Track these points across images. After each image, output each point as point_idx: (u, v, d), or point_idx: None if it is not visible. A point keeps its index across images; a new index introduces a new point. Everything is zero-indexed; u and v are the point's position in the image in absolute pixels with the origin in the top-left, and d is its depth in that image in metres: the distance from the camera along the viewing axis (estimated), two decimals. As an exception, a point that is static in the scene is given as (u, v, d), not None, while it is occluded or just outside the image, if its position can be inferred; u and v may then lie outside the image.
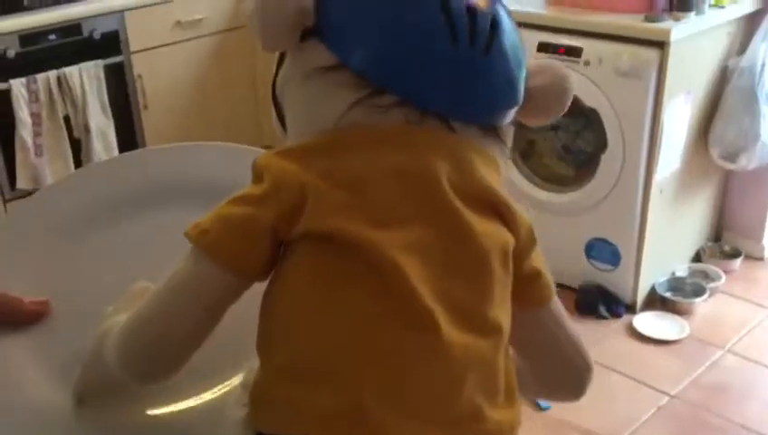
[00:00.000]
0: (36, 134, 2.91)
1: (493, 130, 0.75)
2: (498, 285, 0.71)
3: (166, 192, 0.95)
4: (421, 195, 0.69)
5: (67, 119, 2.99)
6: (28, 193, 2.91)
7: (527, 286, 0.76)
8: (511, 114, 0.76)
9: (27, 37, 2.88)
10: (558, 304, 0.81)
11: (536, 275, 0.77)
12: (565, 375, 0.84)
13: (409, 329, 0.66)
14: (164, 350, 0.72)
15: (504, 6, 0.77)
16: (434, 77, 0.70)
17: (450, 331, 0.67)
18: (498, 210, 0.73)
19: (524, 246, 0.75)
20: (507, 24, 0.74)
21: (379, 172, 0.69)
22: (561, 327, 0.81)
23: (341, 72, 0.70)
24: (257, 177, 0.71)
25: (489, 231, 0.71)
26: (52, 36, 2.95)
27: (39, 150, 2.92)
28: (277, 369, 0.69)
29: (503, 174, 0.77)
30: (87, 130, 3.04)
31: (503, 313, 0.72)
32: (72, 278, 0.91)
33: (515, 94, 0.75)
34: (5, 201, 2.95)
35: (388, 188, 0.69)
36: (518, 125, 0.79)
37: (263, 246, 0.69)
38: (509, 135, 0.78)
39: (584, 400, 0.87)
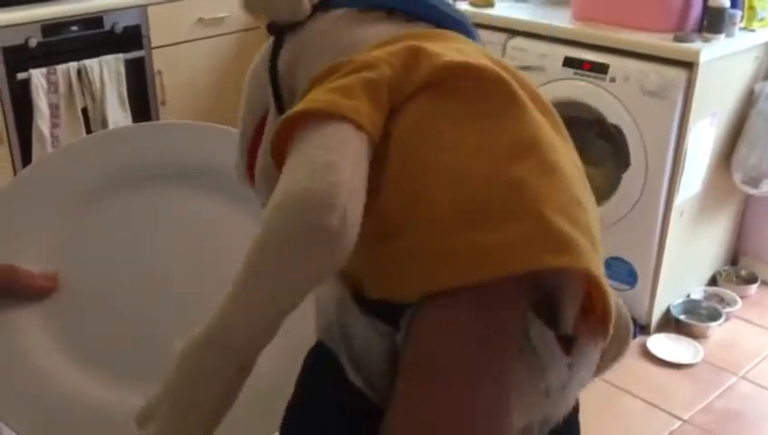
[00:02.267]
0: (54, 125, 2.90)
1: None
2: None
3: (173, 170, 0.95)
4: (497, 62, 0.75)
5: (85, 111, 2.98)
6: (43, 184, 2.90)
7: None
8: None
9: (49, 27, 2.87)
10: None
11: None
12: None
13: (542, 147, 0.68)
14: (335, 232, 0.61)
15: None
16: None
17: (569, 157, 0.72)
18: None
19: None
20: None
21: (457, 46, 0.75)
22: None
23: (369, 12, 0.80)
24: (338, 68, 0.71)
25: None
26: (74, 28, 2.94)
27: (56, 141, 2.91)
28: (440, 219, 0.63)
29: None
30: (104, 122, 3.02)
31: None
32: (80, 250, 0.91)
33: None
34: (20, 191, 2.94)
35: (473, 53, 0.74)
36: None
37: (386, 103, 0.68)
38: None
39: (596, 420, 0.85)
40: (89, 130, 3.00)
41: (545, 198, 0.64)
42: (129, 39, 3.09)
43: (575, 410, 0.75)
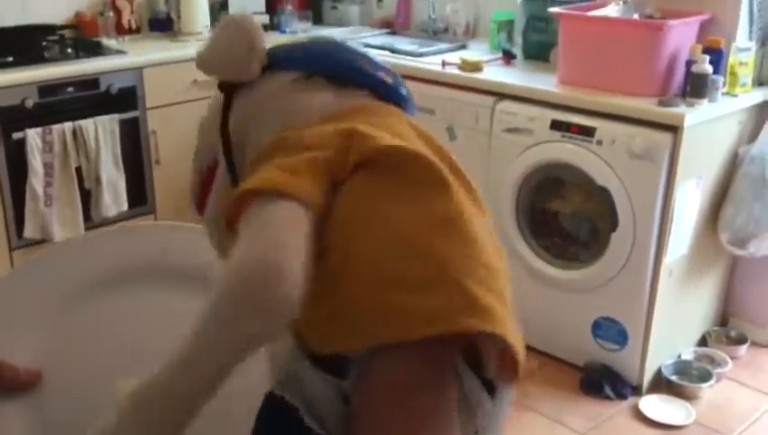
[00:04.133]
0: (47, 184, 2.92)
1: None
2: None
3: (157, 271, 0.98)
4: (421, 133, 0.86)
5: (79, 170, 3.00)
6: (35, 242, 2.90)
7: None
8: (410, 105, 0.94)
9: (46, 88, 2.92)
10: None
11: None
12: None
13: (464, 220, 0.76)
14: (280, 298, 0.68)
15: None
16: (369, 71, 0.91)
17: (487, 229, 0.80)
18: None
19: None
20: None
21: (390, 126, 0.83)
22: None
23: (313, 79, 0.88)
24: (280, 143, 0.79)
25: None
26: (71, 89, 2.99)
27: (49, 200, 2.93)
28: (373, 284, 0.71)
29: None
30: (98, 181, 3.05)
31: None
32: (66, 347, 0.92)
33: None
34: (12, 249, 2.94)
35: (405, 133, 0.83)
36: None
37: (326, 183, 0.75)
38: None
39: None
40: (82, 189, 3.01)
41: (465, 268, 0.73)
42: (125, 100, 3.13)
43: None
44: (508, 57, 3.07)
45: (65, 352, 0.91)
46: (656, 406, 2.57)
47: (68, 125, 2.95)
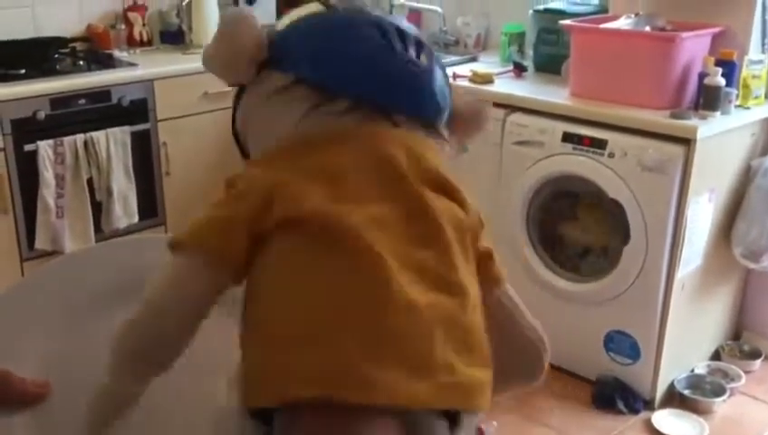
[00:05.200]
0: (59, 196, 2.93)
1: (432, 127, 0.87)
2: (458, 255, 0.78)
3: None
4: (383, 178, 0.79)
5: (90, 181, 3.01)
6: (46, 253, 2.90)
7: (483, 265, 0.83)
8: (443, 113, 0.88)
9: (58, 101, 2.93)
10: (511, 289, 0.89)
11: (490, 255, 0.84)
12: (525, 354, 0.90)
13: (372, 284, 0.72)
14: (157, 348, 0.78)
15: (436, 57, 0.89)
16: (386, 80, 0.83)
17: (412, 288, 0.73)
18: (447, 189, 0.81)
19: (475, 224, 0.83)
20: (430, 50, 0.88)
21: (341, 162, 0.79)
22: (517, 307, 0.88)
23: (297, 89, 0.82)
24: (229, 185, 0.80)
25: (443, 206, 0.79)
26: (82, 101, 2.99)
27: (60, 212, 2.93)
28: (264, 344, 0.73)
29: (445, 160, 0.86)
30: (109, 193, 3.05)
31: (466, 277, 0.78)
32: (74, 359, 0.91)
33: (444, 96, 0.87)
34: (23, 260, 2.94)
35: (351, 175, 0.78)
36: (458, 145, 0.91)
37: (240, 240, 0.75)
38: (445, 133, 0.89)
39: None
40: (93, 201, 3.02)
41: (356, 335, 0.71)
42: (136, 112, 3.14)
43: None
44: (519, 69, 3.07)
45: (74, 363, 0.90)
46: (668, 421, 2.55)
47: (79, 137, 2.95)
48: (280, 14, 3.94)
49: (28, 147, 2.85)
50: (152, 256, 0.96)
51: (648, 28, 2.66)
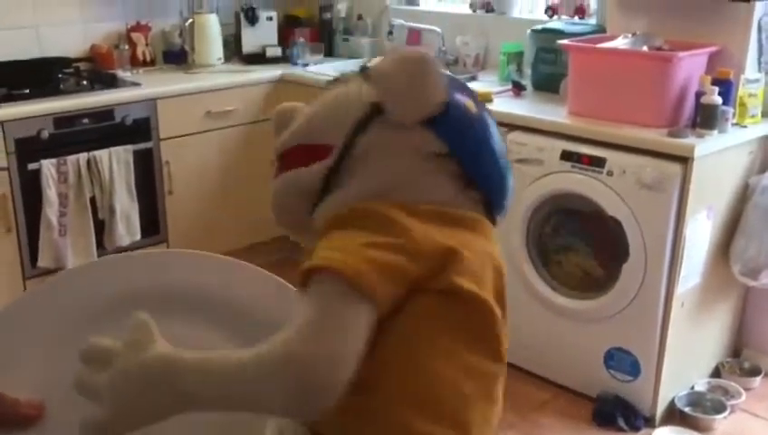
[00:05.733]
0: (62, 214, 2.95)
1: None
2: None
3: (165, 300, 0.93)
4: (497, 285, 0.85)
5: (93, 200, 3.03)
6: (49, 271, 2.92)
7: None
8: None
9: (61, 120, 2.96)
10: None
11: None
12: None
13: (487, 383, 0.81)
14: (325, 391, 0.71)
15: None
16: (504, 184, 0.91)
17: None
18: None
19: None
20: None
21: (479, 252, 0.83)
22: None
23: (450, 162, 0.85)
24: (382, 225, 0.78)
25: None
26: (86, 120, 3.03)
27: (63, 230, 2.96)
28: (400, 397, 0.75)
29: None
30: (112, 211, 3.08)
31: None
32: (69, 377, 0.90)
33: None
34: (26, 279, 2.96)
35: (488, 272, 0.83)
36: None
37: (402, 294, 0.76)
38: None
39: None
40: (96, 219, 3.04)
41: (475, 418, 0.78)
42: (139, 131, 3.17)
43: None
44: (518, 88, 3.10)
45: (68, 382, 0.90)
46: (669, 438, 2.55)
47: (83, 156, 2.98)
48: (282, 36, 3.94)
49: (32, 165, 2.88)
50: (145, 274, 0.95)
51: (645, 48, 2.69)
